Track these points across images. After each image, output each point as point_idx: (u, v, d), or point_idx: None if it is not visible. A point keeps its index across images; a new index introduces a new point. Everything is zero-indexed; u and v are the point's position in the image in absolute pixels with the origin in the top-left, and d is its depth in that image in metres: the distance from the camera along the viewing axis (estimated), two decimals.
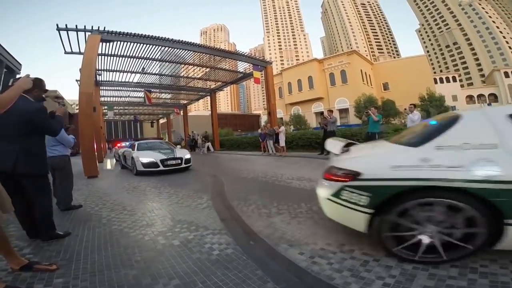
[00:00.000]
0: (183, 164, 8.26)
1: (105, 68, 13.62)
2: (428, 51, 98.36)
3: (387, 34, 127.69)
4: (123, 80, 16.24)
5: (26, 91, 2.46)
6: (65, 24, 9.08)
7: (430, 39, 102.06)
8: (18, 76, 9.17)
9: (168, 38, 11.40)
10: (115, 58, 12.51)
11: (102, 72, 14.16)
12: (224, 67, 15.97)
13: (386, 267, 1.86)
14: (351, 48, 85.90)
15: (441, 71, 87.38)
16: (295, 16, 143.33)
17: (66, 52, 9.99)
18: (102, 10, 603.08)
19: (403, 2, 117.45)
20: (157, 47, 11.83)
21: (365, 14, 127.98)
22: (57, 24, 8.96)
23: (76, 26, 9.18)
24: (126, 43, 10.91)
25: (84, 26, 9.24)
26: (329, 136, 9.44)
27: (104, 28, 9.56)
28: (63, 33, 9.29)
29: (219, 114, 24.90)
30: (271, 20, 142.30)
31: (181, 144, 18.22)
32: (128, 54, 12.20)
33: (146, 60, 13.37)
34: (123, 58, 12.69)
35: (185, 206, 3.98)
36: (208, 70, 16.40)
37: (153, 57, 12.98)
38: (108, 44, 10.60)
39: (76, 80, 13.06)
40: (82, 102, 8.64)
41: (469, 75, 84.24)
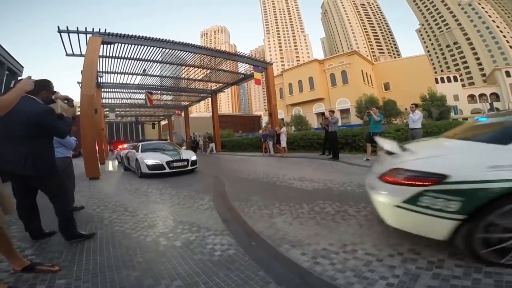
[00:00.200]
0: (189, 166, 7.96)
1: (106, 70, 13.64)
2: (428, 51, 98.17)
3: (387, 34, 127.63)
4: (125, 82, 16.27)
5: (34, 93, 2.49)
6: (66, 26, 9.10)
7: (430, 39, 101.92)
8: (20, 78, 9.19)
9: (169, 40, 11.43)
10: (116, 60, 12.53)
11: (104, 74, 14.19)
12: (224, 69, 15.98)
13: (390, 267, 1.86)
14: (352, 48, 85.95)
15: (442, 71, 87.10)
16: (295, 17, 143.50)
17: (67, 54, 10.02)
18: (103, 12, 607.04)
19: (403, 2, 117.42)
20: (158, 49, 11.85)
21: (365, 15, 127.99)
22: (58, 26, 8.98)
23: (77, 28, 9.20)
24: (127, 45, 10.93)
25: (85, 28, 9.25)
26: (330, 137, 9.43)
27: (105, 30, 9.57)
28: (65, 35, 9.31)
29: (220, 115, 24.90)
30: (271, 21, 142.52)
31: (182, 146, 18.27)
32: (129, 56, 12.23)
33: (147, 62, 13.38)
34: (124, 60, 12.72)
35: (186, 207, 3.98)
36: (209, 71, 16.41)
37: (154, 59, 13.00)
38: (109, 46, 10.63)
39: (78, 82, 13.13)
40: (84, 104, 8.66)
41: (470, 74, 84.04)
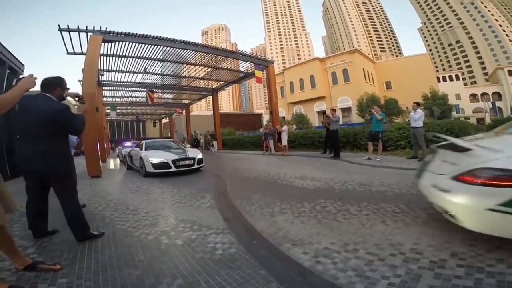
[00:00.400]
0: (195, 165, 7.70)
1: (107, 68, 13.65)
2: (430, 50, 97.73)
3: (389, 32, 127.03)
4: (126, 80, 16.28)
5: (49, 90, 2.53)
6: (67, 25, 9.07)
7: (432, 38, 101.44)
8: (21, 76, 9.19)
9: (170, 38, 11.40)
10: (117, 58, 12.53)
11: (105, 72, 14.20)
12: (225, 67, 15.96)
13: (391, 266, 1.85)
14: (353, 47, 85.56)
15: (444, 69, 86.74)
16: (296, 15, 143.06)
17: (68, 53, 10.03)
18: (103, 11, 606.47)
19: (405, 1, 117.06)
20: (158, 47, 11.83)
21: (366, 13, 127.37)
22: (59, 25, 8.95)
23: (78, 26, 9.17)
24: (127, 43, 10.92)
25: (86, 27, 9.22)
26: (331, 135, 9.42)
27: (106, 28, 9.55)
28: (66, 33, 9.29)
29: (221, 113, 24.84)
30: (272, 19, 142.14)
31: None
32: (130, 54, 12.23)
33: (148, 60, 13.38)
34: (125, 58, 12.72)
35: (188, 205, 3.98)
36: (209, 69, 16.40)
37: (155, 57, 13.00)
38: (110, 44, 10.61)
39: (79, 81, 13.09)
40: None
41: (472, 73, 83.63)
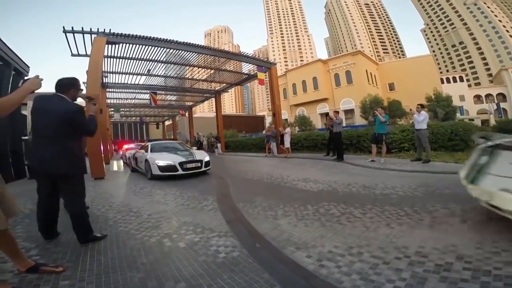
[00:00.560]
0: (203, 167, 7.47)
1: (111, 70, 13.72)
2: (434, 51, 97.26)
3: (391, 34, 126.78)
4: (129, 82, 16.36)
5: (63, 91, 2.56)
6: (71, 27, 9.12)
7: (435, 39, 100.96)
8: (26, 78, 9.26)
9: (173, 40, 11.44)
10: (121, 60, 12.59)
11: (109, 74, 14.28)
12: (228, 69, 15.99)
13: (397, 270, 1.83)
14: (356, 48, 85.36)
15: (447, 71, 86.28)
16: (298, 17, 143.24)
17: (73, 55, 10.09)
18: (106, 12, 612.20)
19: (407, 2, 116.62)
20: (162, 49, 11.88)
21: (369, 14, 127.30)
22: (63, 27, 9.00)
23: (82, 28, 9.22)
24: (131, 45, 10.96)
25: (90, 29, 9.27)
26: (334, 138, 9.39)
27: (109, 30, 9.59)
28: (70, 35, 9.35)
29: (224, 115, 24.89)
30: (274, 21, 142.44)
31: None
32: (133, 56, 12.28)
33: (151, 62, 13.43)
34: (129, 60, 12.78)
35: (190, 208, 3.98)
36: (212, 71, 16.43)
37: (158, 59, 13.04)
38: (113, 46, 10.67)
39: (83, 82, 13.18)
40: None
41: (476, 74, 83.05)
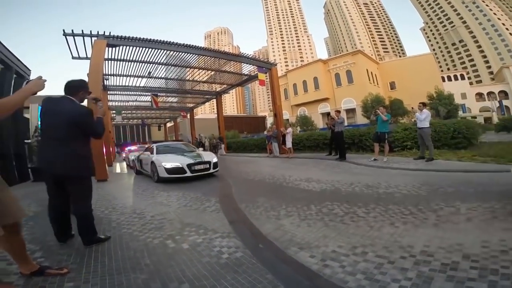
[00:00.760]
0: (211, 169, 7.18)
1: (112, 72, 13.75)
2: (434, 50, 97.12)
3: (391, 33, 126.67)
4: (130, 84, 16.40)
5: (72, 93, 2.58)
6: (71, 30, 9.12)
7: (435, 37, 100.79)
8: (27, 80, 9.29)
9: (173, 42, 11.46)
10: (121, 62, 12.62)
11: (110, 76, 14.32)
12: (228, 70, 16.00)
13: (402, 269, 1.81)
14: (356, 48, 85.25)
15: (448, 69, 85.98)
16: (297, 17, 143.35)
17: (73, 57, 10.09)
18: (105, 13, 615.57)
19: (406, 1, 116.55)
20: (162, 51, 11.91)
21: (368, 14, 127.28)
22: (63, 30, 9.01)
23: (82, 31, 9.23)
24: (131, 47, 10.98)
25: (90, 31, 9.27)
26: (336, 137, 9.38)
27: (109, 32, 9.59)
28: (70, 38, 9.35)
29: (225, 116, 24.91)
30: (274, 22, 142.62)
31: None
32: (134, 59, 12.31)
33: (152, 64, 13.45)
34: (130, 63, 12.80)
35: (193, 209, 3.97)
36: (213, 73, 16.45)
37: (158, 61, 13.07)
38: (114, 48, 10.68)
39: None
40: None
41: (477, 72, 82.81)
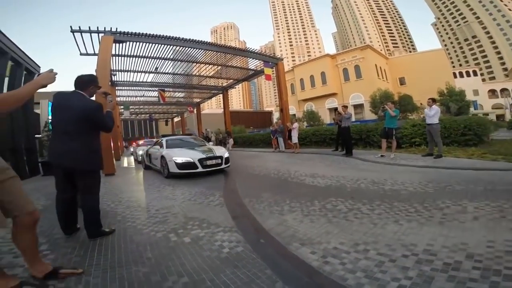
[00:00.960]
0: (223, 164, 6.96)
1: (119, 68, 13.87)
2: (446, 45, 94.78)
3: (401, 28, 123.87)
4: (138, 80, 16.53)
5: (82, 88, 2.62)
6: (78, 26, 9.18)
7: (447, 33, 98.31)
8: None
9: (180, 38, 11.44)
10: (129, 58, 12.70)
11: (117, 72, 14.45)
12: (235, 65, 15.96)
13: (403, 268, 1.79)
14: (364, 42, 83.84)
15: (460, 65, 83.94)
16: (304, 12, 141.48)
17: (81, 54, 10.20)
18: (112, 10, 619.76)
19: None
20: (169, 46, 11.92)
21: (377, 8, 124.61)
22: (71, 26, 9.07)
23: (89, 27, 9.28)
24: (138, 43, 11.02)
25: (97, 28, 9.32)
26: (343, 132, 9.29)
27: (116, 29, 9.63)
28: (78, 35, 9.43)
29: (231, 111, 24.91)
30: (280, 16, 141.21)
31: None
32: (141, 54, 12.37)
33: (159, 60, 13.50)
34: (137, 58, 12.87)
35: (197, 203, 4.00)
36: (219, 68, 16.44)
37: (165, 56, 13.10)
38: (121, 44, 10.73)
39: None
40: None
41: (490, 69, 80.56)
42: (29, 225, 1.73)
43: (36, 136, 9.73)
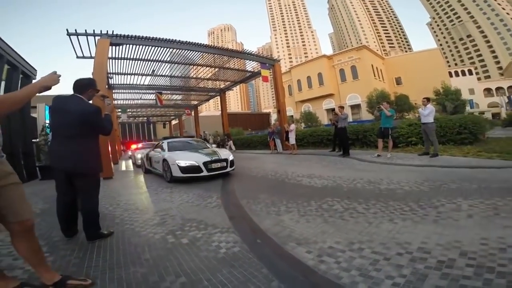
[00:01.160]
0: (228, 168, 6.68)
1: (116, 71, 13.84)
2: (441, 45, 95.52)
3: (397, 28, 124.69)
4: (135, 82, 16.50)
5: (81, 92, 2.64)
6: (75, 29, 9.17)
7: (442, 32, 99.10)
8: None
9: (176, 40, 11.45)
10: (125, 61, 12.68)
11: (114, 75, 14.42)
12: (232, 67, 15.98)
13: (397, 266, 1.81)
14: (361, 43, 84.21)
15: (456, 64, 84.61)
16: (301, 13, 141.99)
17: (78, 57, 10.19)
18: (109, 12, 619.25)
19: None
20: (166, 49, 11.92)
21: (373, 9, 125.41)
22: (67, 29, 9.05)
23: (85, 30, 9.28)
24: (135, 46, 11.01)
25: (93, 31, 9.32)
26: (340, 133, 9.34)
27: (112, 31, 9.62)
28: (74, 38, 9.40)
29: (229, 113, 24.94)
30: (277, 18, 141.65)
31: None
32: (137, 57, 12.35)
33: (156, 62, 13.51)
34: (134, 61, 12.86)
35: (195, 205, 4.02)
36: (217, 70, 16.47)
37: (162, 59, 13.10)
38: (118, 47, 10.72)
39: None
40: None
41: (485, 67, 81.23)
42: (20, 233, 1.68)
43: (33, 140, 9.69)
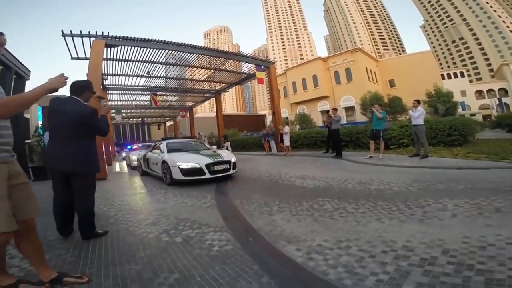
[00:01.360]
0: (231, 170, 6.45)
1: (111, 72, 13.78)
2: (434, 47, 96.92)
3: (391, 31, 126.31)
4: (129, 84, 16.43)
5: (78, 94, 2.69)
6: (70, 30, 9.15)
7: (435, 35, 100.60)
8: (27, 82, 9.37)
9: (172, 42, 11.48)
10: (120, 62, 12.64)
11: (109, 76, 14.36)
12: (228, 69, 16.04)
13: (381, 263, 1.88)
14: (355, 45, 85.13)
15: (448, 66, 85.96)
16: (297, 15, 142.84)
17: (72, 58, 10.12)
18: (104, 13, 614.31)
19: None
20: (161, 50, 11.94)
21: (368, 12, 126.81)
22: (62, 30, 9.03)
23: (80, 31, 9.26)
24: (130, 47, 11.00)
25: (89, 32, 9.32)
26: (333, 135, 9.47)
27: (108, 33, 9.62)
28: (69, 39, 9.36)
29: (224, 115, 24.99)
30: (273, 20, 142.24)
31: None
32: (133, 58, 12.33)
33: (151, 64, 13.49)
34: (129, 62, 12.83)
35: (189, 205, 4.07)
36: (212, 71, 16.50)
37: (158, 60, 13.10)
38: (113, 48, 10.70)
39: None
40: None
41: (477, 70, 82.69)
42: (24, 232, 1.73)
43: (26, 141, 9.62)
